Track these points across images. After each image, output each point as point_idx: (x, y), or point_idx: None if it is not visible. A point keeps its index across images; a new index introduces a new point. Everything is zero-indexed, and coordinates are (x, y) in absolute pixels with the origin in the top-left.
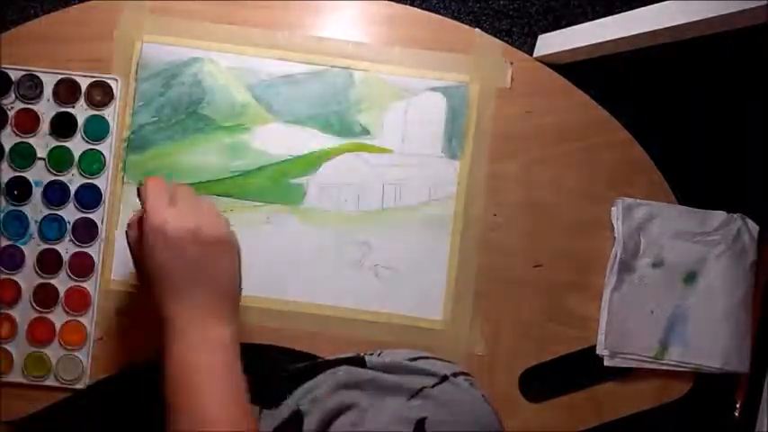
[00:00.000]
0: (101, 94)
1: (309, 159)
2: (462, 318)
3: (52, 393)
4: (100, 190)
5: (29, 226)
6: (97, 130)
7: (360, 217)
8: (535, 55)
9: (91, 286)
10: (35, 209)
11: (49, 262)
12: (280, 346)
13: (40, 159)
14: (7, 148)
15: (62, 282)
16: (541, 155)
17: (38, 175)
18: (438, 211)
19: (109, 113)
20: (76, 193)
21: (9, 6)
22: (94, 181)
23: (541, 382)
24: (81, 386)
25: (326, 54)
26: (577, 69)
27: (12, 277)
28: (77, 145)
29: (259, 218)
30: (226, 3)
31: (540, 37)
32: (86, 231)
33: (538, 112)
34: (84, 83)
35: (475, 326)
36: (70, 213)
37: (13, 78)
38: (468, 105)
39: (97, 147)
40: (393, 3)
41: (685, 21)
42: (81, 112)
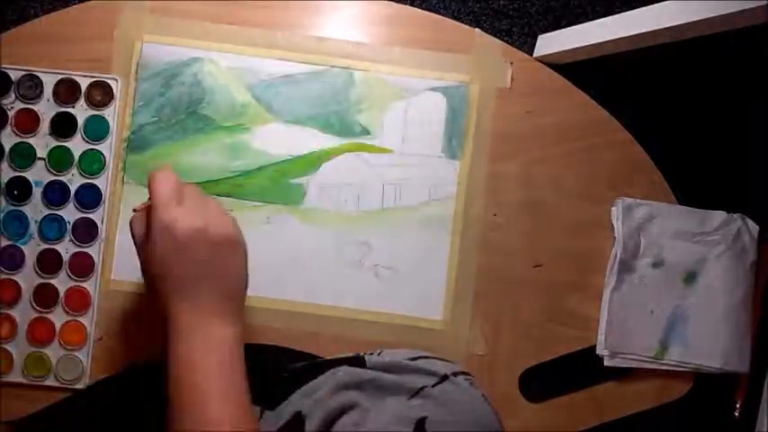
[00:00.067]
0: (101, 94)
1: (309, 159)
2: (462, 318)
3: (52, 393)
4: (100, 190)
5: (29, 226)
6: (97, 130)
7: (360, 217)
8: (535, 55)
9: (91, 286)
10: (35, 209)
11: (49, 262)
12: (280, 346)
13: (40, 159)
14: (7, 148)
15: (62, 282)
16: (541, 155)
17: (38, 175)
18: (438, 211)
19: (109, 113)
20: (76, 193)
21: (9, 6)
22: (94, 181)
23: (541, 382)
24: (81, 386)
25: (326, 54)
26: (577, 69)
27: (12, 277)
28: (77, 145)
29: (259, 218)
30: (226, 3)
31: (540, 37)
32: (86, 231)
33: (538, 112)
34: (84, 83)
35: (475, 326)
36: (70, 213)
37: (13, 78)
38: (468, 105)
39: (97, 147)
40: (393, 3)
41: (685, 21)
42: (81, 112)
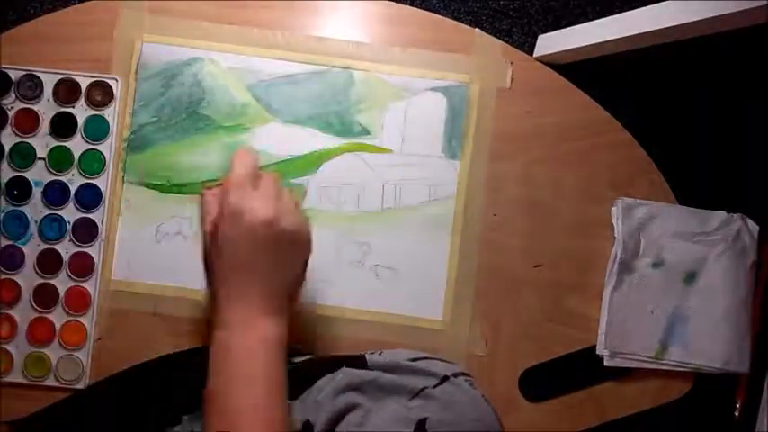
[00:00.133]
0: (101, 94)
1: (309, 159)
2: (462, 318)
3: (52, 393)
4: (100, 190)
5: (29, 226)
6: (97, 130)
7: (360, 217)
8: (535, 55)
9: (91, 286)
10: (35, 209)
11: (49, 262)
12: None
13: (40, 159)
14: (7, 148)
15: (62, 282)
16: (541, 155)
17: (38, 175)
18: (438, 211)
19: (109, 113)
20: (76, 193)
21: (9, 6)
22: (94, 181)
23: (541, 382)
24: (81, 386)
25: (327, 54)
26: (577, 69)
27: (12, 277)
28: (77, 145)
29: None
30: (226, 3)
31: (540, 37)
32: (86, 231)
33: (538, 112)
34: (84, 83)
35: (475, 326)
36: (70, 213)
37: (13, 78)
38: (468, 105)
39: (97, 147)
40: (393, 3)
41: (685, 21)
42: (81, 112)
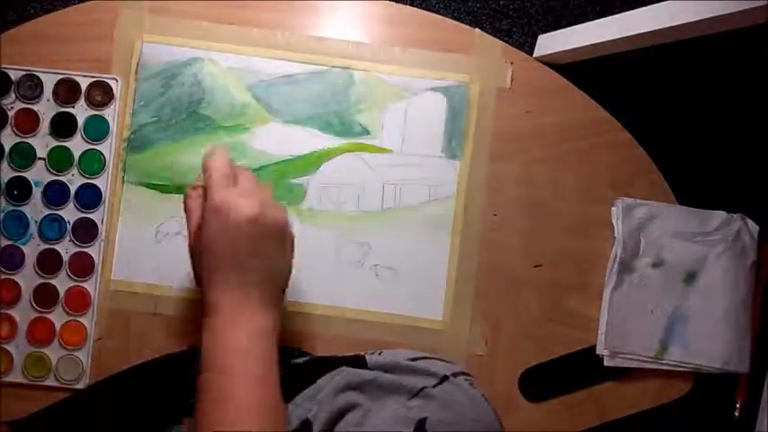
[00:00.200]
0: (101, 94)
1: (309, 159)
2: (462, 318)
3: (52, 393)
4: (100, 190)
5: (29, 226)
6: (97, 130)
7: (360, 217)
8: (535, 55)
9: (91, 286)
10: (35, 209)
11: (49, 262)
12: (280, 346)
13: (40, 159)
14: (7, 148)
15: (62, 282)
16: (541, 155)
17: (38, 175)
18: (438, 211)
19: (109, 113)
20: (76, 193)
21: (9, 6)
22: (94, 181)
23: (541, 382)
24: (81, 386)
25: (326, 54)
26: (577, 69)
27: (12, 277)
28: (77, 145)
29: None
30: (226, 3)
31: (540, 37)
32: (86, 231)
33: (538, 112)
34: (84, 83)
35: (475, 326)
36: (70, 213)
37: (13, 78)
38: (468, 105)
39: (97, 147)
40: (393, 3)
41: (685, 21)
42: (81, 112)
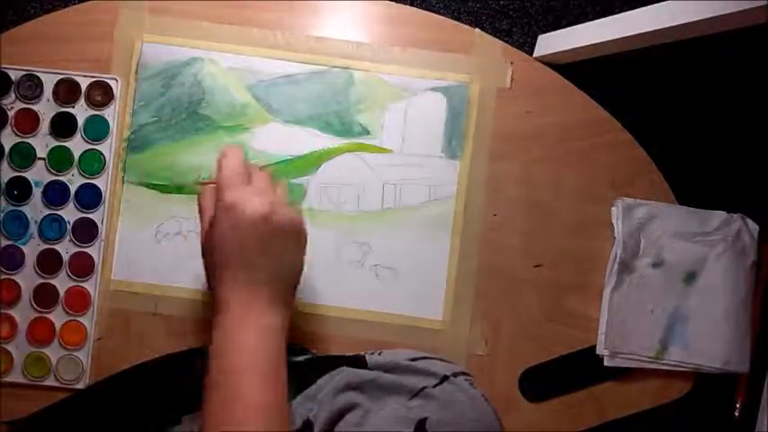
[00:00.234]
0: (101, 94)
1: (309, 159)
2: (462, 318)
3: (52, 393)
4: (100, 190)
5: (29, 226)
6: (97, 130)
7: (360, 217)
8: (535, 55)
9: (91, 286)
10: (35, 209)
11: (49, 262)
12: None
13: (40, 159)
14: (7, 148)
15: (62, 282)
16: (541, 155)
17: (38, 175)
18: (438, 211)
19: (109, 113)
20: (76, 193)
21: (9, 6)
22: (94, 181)
23: (541, 382)
24: (81, 386)
25: (326, 54)
26: (577, 69)
27: (12, 277)
28: (77, 145)
29: None
30: (226, 3)
31: (540, 37)
32: (86, 231)
33: (538, 112)
34: (84, 83)
35: (475, 326)
36: (70, 213)
37: (13, 78)
38: (468, 105)
39: (97, 147)
40: (393, 3)
41: (685, 21)
42: (81, 112)
